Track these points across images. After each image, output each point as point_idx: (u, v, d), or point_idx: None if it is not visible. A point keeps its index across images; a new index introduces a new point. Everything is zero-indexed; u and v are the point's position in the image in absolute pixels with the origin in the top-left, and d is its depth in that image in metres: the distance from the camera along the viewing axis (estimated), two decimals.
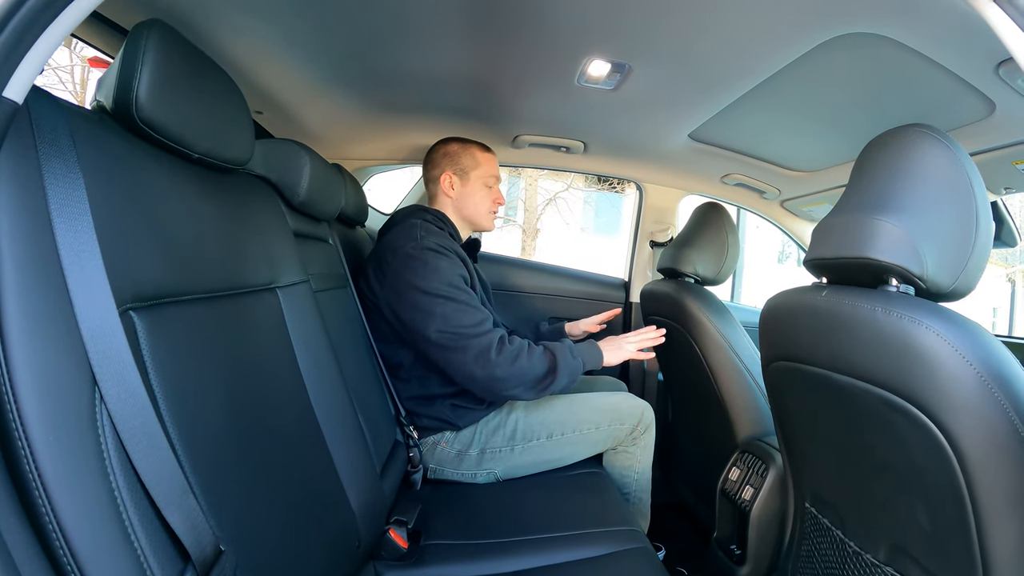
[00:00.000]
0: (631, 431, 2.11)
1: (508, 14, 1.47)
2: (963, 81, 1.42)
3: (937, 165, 1.07)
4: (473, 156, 2.20)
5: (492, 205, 2.24)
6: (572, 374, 1.88)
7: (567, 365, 1.87)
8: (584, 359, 1.94)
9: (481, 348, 1.80)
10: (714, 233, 2.29)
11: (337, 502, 1.33)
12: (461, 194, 2.19)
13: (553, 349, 1.90)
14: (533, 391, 1.85)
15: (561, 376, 1.85)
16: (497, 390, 1.84)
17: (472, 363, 1.80)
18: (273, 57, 1.76)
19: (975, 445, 0.96)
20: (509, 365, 1.80)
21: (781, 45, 1.44)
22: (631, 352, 2.02)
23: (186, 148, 1.03)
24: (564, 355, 1.88)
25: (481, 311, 1.88)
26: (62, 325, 0.70)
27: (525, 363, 1.82)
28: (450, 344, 1.80)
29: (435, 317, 1.80)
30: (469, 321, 1.82)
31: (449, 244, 1.98)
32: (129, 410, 0.74)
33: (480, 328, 1.83)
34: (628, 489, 2.18)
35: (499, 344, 1.82)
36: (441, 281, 1.84)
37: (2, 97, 0.66)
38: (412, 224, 2.02)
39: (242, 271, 1.18)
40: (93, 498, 0.68)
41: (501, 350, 1.81)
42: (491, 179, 2.22)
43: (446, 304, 1.82)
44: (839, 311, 1.13)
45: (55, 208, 0.72)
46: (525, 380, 1.83)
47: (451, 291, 1.84)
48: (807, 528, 1.51)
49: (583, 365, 1.92)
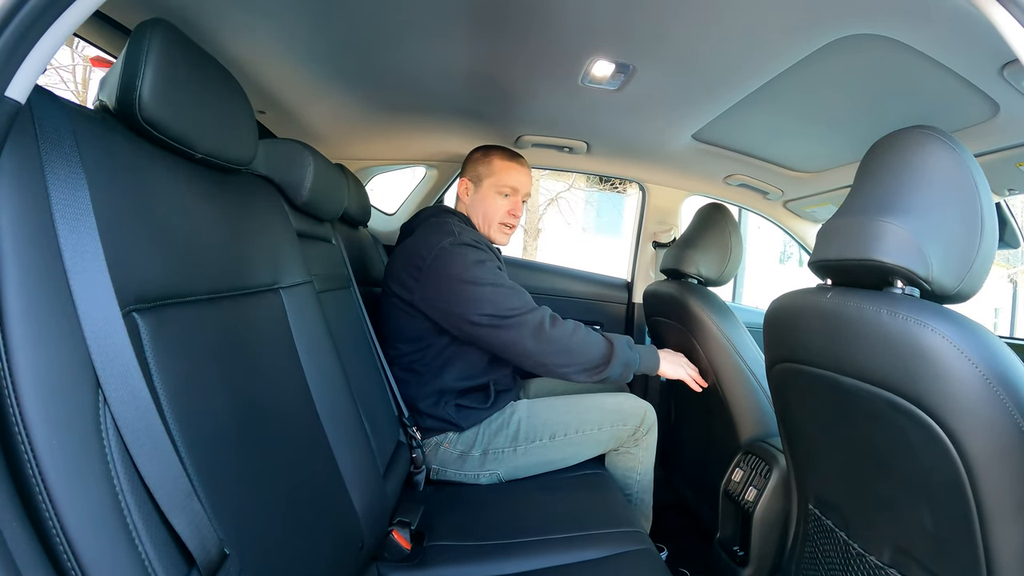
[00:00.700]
0: (633, 432, 2.11)
1: (512, 15, 1.46)
2: (967, 83, 1.41)
3: (942, 167, 1.06)
4: (490, 163, 2.16)
5: (504, 216, 2.18)
6: (626, 365, 1.90)
7: (623, 354, 1.89)
8: (641, 356, 1.96)
9: (536, 322, 1.82)
10: (717, 234, 2.29)
11: (340, 503, 1.33)
12: (473, 201, 2.18)
13: (610, 336, 1.92)
14: (586, 372, 1.87)
15: (615, 364, 1.87)
16: (552, 364, 1.86)
17: (529, 337, 1.82)
18: (276, 56, 1.76)
19: (980, 447, 0.96)
20: (566, 338, 1.83)
21: (786, 46, 1.44)
22: (687, 374, 2.07)
23: (189, 148, 1.03)
24: (621, 344, 1.91)
25: (527, 294, 1.90)
26: (65, 327, 0.70)
27: (582, 340, 1.85)
28: (500, 324, 1.82)
29: (484, 302, 1.82)
30: (519, 303, 1.84)
31: (483, 240, 2.01)
32: (133, 412, 0.73)
33: (530, 306, 1.85)
34: (630, 490, 2.18)
35: (552, 319, 1.85)
36: (485, 271, 1.86)
37: (4, 97, 0.66)
38: (445, 221, 2.03)
39: (245, 272, 1.17)
40: (96, 501, 0.68)
41: (555, 323, 1.84)
42: (506, 188, 2.15)
43: (496, 290, 1.83)
44: (844, 313, 1.13)
45: (58, 209, 0.72)
46: (580, 358, 1.85)
47: (497, 278, 1.86)
48: (811, 530, 1.51)
49: (639, 361, 1.94)
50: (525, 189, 2.21)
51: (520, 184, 2.18)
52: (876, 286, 1.13)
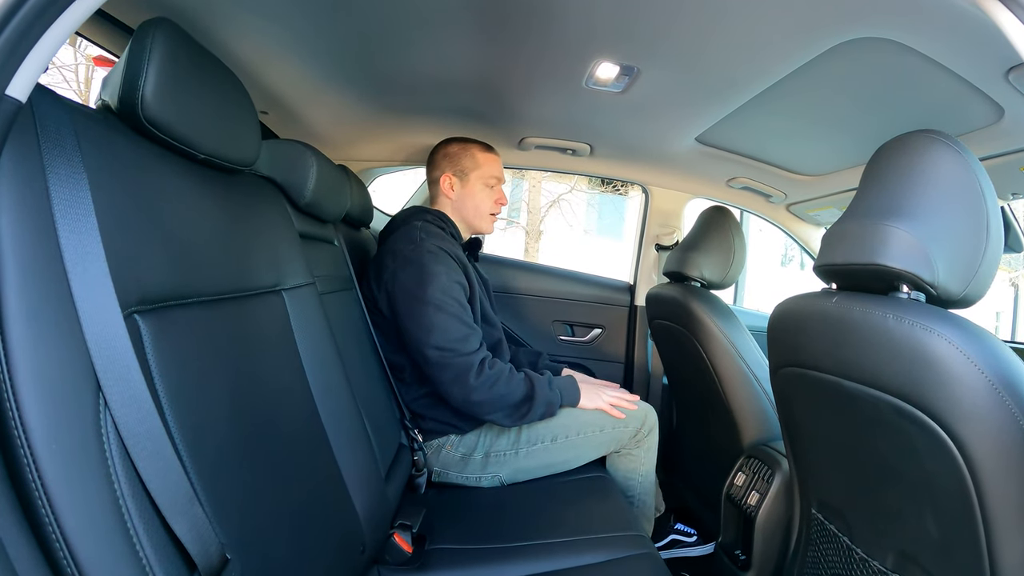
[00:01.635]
0: (634, 434, 2.10)
1: (517, 16, 1.46)
2: (972, 86, 1.41)
3: (948, 171, 1.06)
4: (473, 157, 2.19)
5: (493, 206, 2.23)
6: (548, 405, 1.91)
7: (543, 396, 1.90)
8: (562, 393, 1.98)
9: (460, 370, 1.82)
10: (720, 237, 2.29)
11: (342, 507, 1.32)
12: (461, 195, 2.19)
13: (532, 378, 1.92)
14: (510, 418, 1.88)
15: (537, 406, 1.88)
16: (475, 413, 1.88)
17: (450, 383, 1.84)
18: (279, 57, 1.75)
19: (986, 453, 0.95)
20: (487, 390, 1.83)
21: (790, 50, 1.43)
22: (605, 404, 2.06)
23: (192, 148, 1.02)
24: (542, 386, 1.91)
25: (468, 327, 1.89)
26: (65, 329, 0.69)
27: (503, 389, 1.85)
28: (437, 361, 1.83)
29: (434, 331, 1.82)
30: (456, 335, 1.84)
31: (448, 247, 1.98)
32: (134, 416, 0.73)
33: (463, 346, 1.84)
34: (632, 492, 2.17)
35: (479, 367, 1.83)
36: (435, 288, 1.85)
37: (5, 96, 0.65)
38: (412, 226, 2.02)
39: (247, 273, 1.17)
40: (97, 506, 0.67)
41: (480, 373, 1.83)
42: (492, 180, 2.21)
43: (436, 314, 1.83)
44: (850, 318, 1.13)
45: (59, 209, 0.71)
46: (502, 406, 1.86)
47: (443, 300, 1.85)
48: (813, 534, 1.50)
49: (560, 399, 1.96)
50: (503, 178, 2.28)
51: (502, 174, 2.26)
52: (882, 291, 1.13)
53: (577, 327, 3.25)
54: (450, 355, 1.82)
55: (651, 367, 3.15)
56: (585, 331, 3.23)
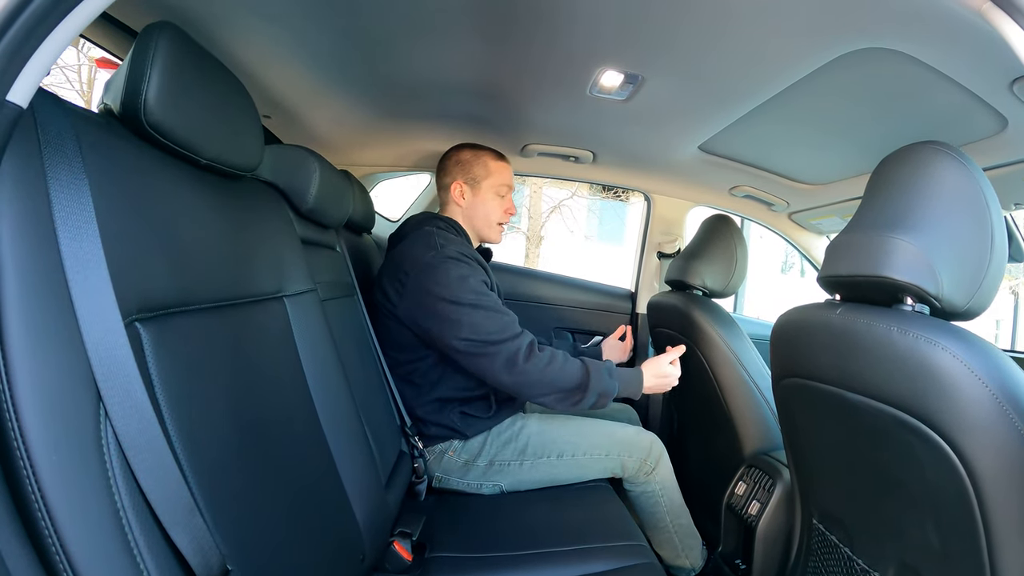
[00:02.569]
0: (640, 464, 2.09)
1: (522, 23, 1.46)
2: (976, 97, 1.40)
3: (952, 182, 1.06)
4: (485, 165, 2.17)
5: (502, 216, 2.22)
6: (605, 393, 1.86)
7: (600, 383, 1.84)
8: (621, 382, 1.91)
9: (509, 354, 1.78)
10: (723, 245, 2.28)
11: (342, 515, 1.32)
12: (472, 204, 2.18)
13: (588, 364, 1.87)
14: (564, 402, 1.84)
15: (591, 394, 1.83)
16: (526, 395, 1.84)
17: (501, 369, 1.79)
18: (283, 60, 1.75)
19: (988, 466, 0.95)
20: (539, 371, 1.79)
21: (795, 59, 1.43)
22: (674, 380, 2.02)
23: (195, 154, 1.02)
24: (598, 373, 1.86)
25: (508, 315, 1.86)
26: (66, 338, 0.68)
27: (557, 371, 1.81)
28: (478, 351, 1.79)
29: (463, 326, 1.79)
30: (496, 326, 1.80)
31: (469, 251, 1.97)
32: (135, 426, 0.72)
33: (508, 332, 1.81)
34: (663, 522, 2.15)
35: (528, 349, 1.81)
36: (466, 289, 1.83)
37: (5, 101, 0.65)
38: (429, 232, 2.00)
39: (249, 279, 1.17)
40: (97, 518, 0.67)
41: (530, 356, 1.80)
42: (503, 188, 2.19)
43: (474, 312, 1.80)
44: (854, 330, 1.12)
45: (59, 216, 0.71)
46: (555, 388, 1.81)
47: (478, 298, 1.82)
48: (814, 544, 1.50)
49: (617, 388, 1.90)
50: (514, 186, 2.27)
51: (513, 182, 2.25)
52: (886, 303, 1.12)
53: (578, 334, 3.24)
54: (499, 345, 1.78)
55: None
56: (586, 338, 3.22)
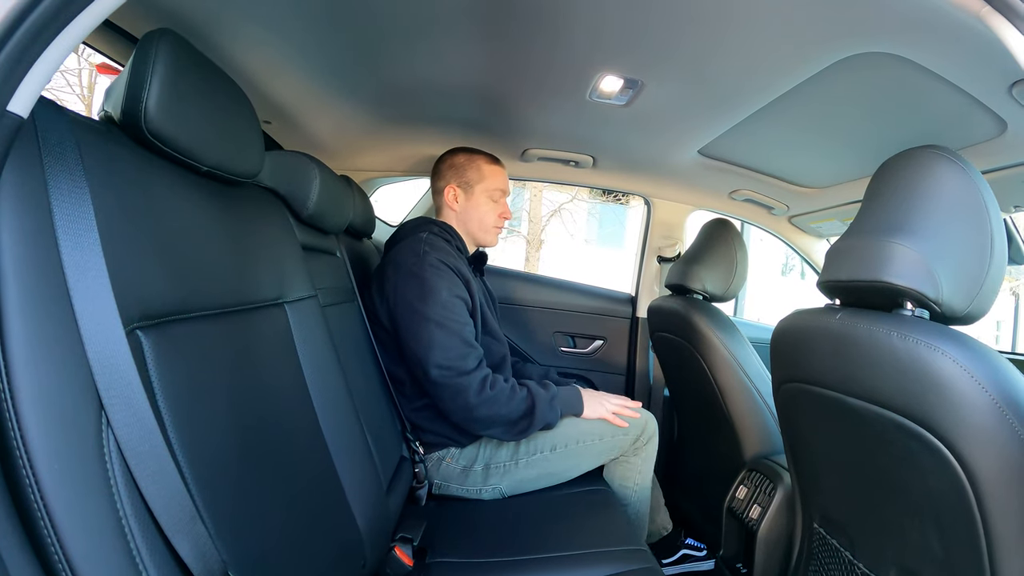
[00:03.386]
0: (634, 441, 2.08)
1: (522, 28, 1.46)
2: (975, 100, 1.41)
3: (952, 187, 1.06)
4: (479, 169, 2.17)
5: (497, 220, 2.21)
6: (547, 424, 1.92)
7: (543, 415, 1.90)
8: (562, 407, 1.97)
9: (460, 388, 1.82)
10: (723, 249, 2.29)
11: (343, 521, 1.32)
12: (465, 208, 2.18)
13: (534, 395, 1.91)
14: (509, 434, 1.90)
15: (536, 423, 1.89)
16: (474, 429, 1.91)
17: (450, 401, 1.85)
18: (283, 66, 1.75)
19: (989, 471, 0.96)
20: (487, 408, 1.83)
21: (795, 64, 1.43)
22: (608, 413, 2.05)
23: (195, 161, 1.01)
24: (542, 404, 1.90)
25: (467, 345, 1.88)
26: (67, 347, 0.68)
27: (504, 409, 1.85)
28: (437, 379, 1.83)
29: (433, 348, 1.82)
30: (454, 354, 1.83)
31: (452, 261, 1.97)
32: (137, 434, 0.72)
33: (463, 364, 1.84)
34: (627, 500, 2.14)
35: (480, 386, 1.83)
36: (436, 303, 1.85)
37: (6, 111, 0.64)
38: (418, 239, 2.01)
39: (250, 286, 1.17)
40: (99, 526, 0.67)
41: (481, 392, 1.83)
42: (497, 192, 2.19)
43: (437, 331, 1.83)
44: (854, 335, 1.13)
45: (60, 225, 0.70)
46: (502, 423, 1.87)
47: (444, 316, 1.85)
48: (815, 548, 1.50)
49: (558, 416, 1.95)
50: (509, 190, 2.27)
51: (508, 187, 2.25)
52: (885, 307, 1.13)
53: (579, 339, 3.24)
54: (450, 374, 1.81)
55: (652, 379, 3.14)
56: (587, 343, 3.23)
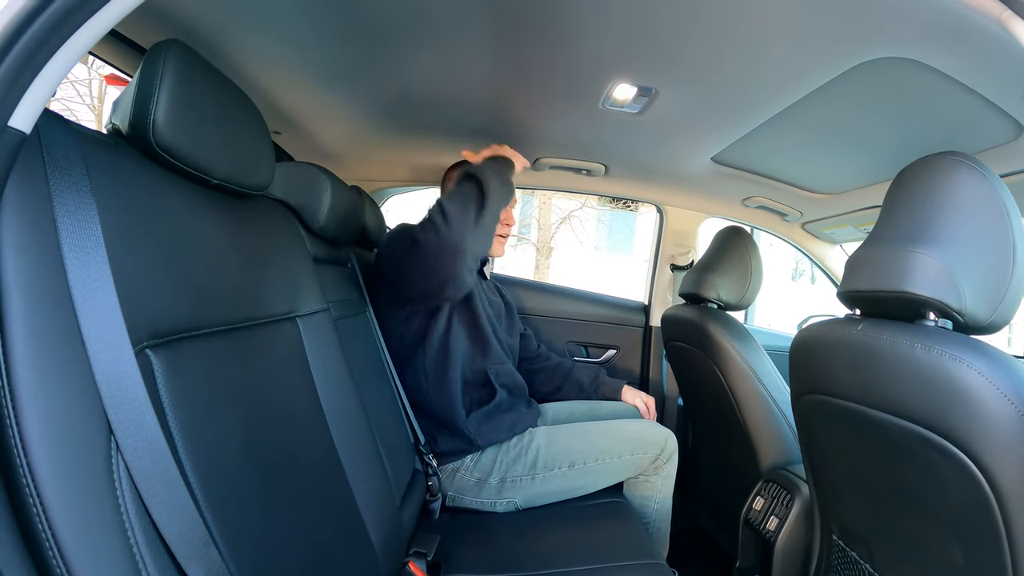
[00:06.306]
0: (654, 460, 2.07)
1: (534, 37, 1.45)
2: (991, 104, 1.39)
3: (973, 194, 1.05)
4: None
5: (503, 228, 2.20)
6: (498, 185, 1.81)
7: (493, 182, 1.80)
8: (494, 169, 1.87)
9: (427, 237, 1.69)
10: (737, 257, 2.27)
11: (357, 537, 1.30)
12: None
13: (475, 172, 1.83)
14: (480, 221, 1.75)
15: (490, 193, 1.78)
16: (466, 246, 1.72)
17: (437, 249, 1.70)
18: (292, 77, 1.75)
19: (1014, 483, 0.94)
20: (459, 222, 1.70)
21: (810, 70, 1.42)
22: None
23: (205, 174, 1.00)
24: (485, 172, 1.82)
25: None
26: (75, 370, 0.67)
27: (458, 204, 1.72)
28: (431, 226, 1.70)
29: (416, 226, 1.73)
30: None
31: None
32: (147, 458, 0.70)
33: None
34: (648, 518, 2.14)
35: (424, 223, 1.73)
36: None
37: (7, 127, 0.63)
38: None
39: (261, 301, 1.15)
40: (110, 556, 0.65)
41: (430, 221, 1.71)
42: None
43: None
44: (876, 346, 1.11)
45: (66, 242, 0.69)
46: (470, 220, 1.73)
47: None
48: (834, 560, 1.48)
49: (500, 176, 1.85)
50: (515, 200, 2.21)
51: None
52: (908, 318, 1.11)
53: (591, 348, 3.23)
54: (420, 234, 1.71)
55: (666, 388, 3.13)
56: (599, 352, 3.21)
